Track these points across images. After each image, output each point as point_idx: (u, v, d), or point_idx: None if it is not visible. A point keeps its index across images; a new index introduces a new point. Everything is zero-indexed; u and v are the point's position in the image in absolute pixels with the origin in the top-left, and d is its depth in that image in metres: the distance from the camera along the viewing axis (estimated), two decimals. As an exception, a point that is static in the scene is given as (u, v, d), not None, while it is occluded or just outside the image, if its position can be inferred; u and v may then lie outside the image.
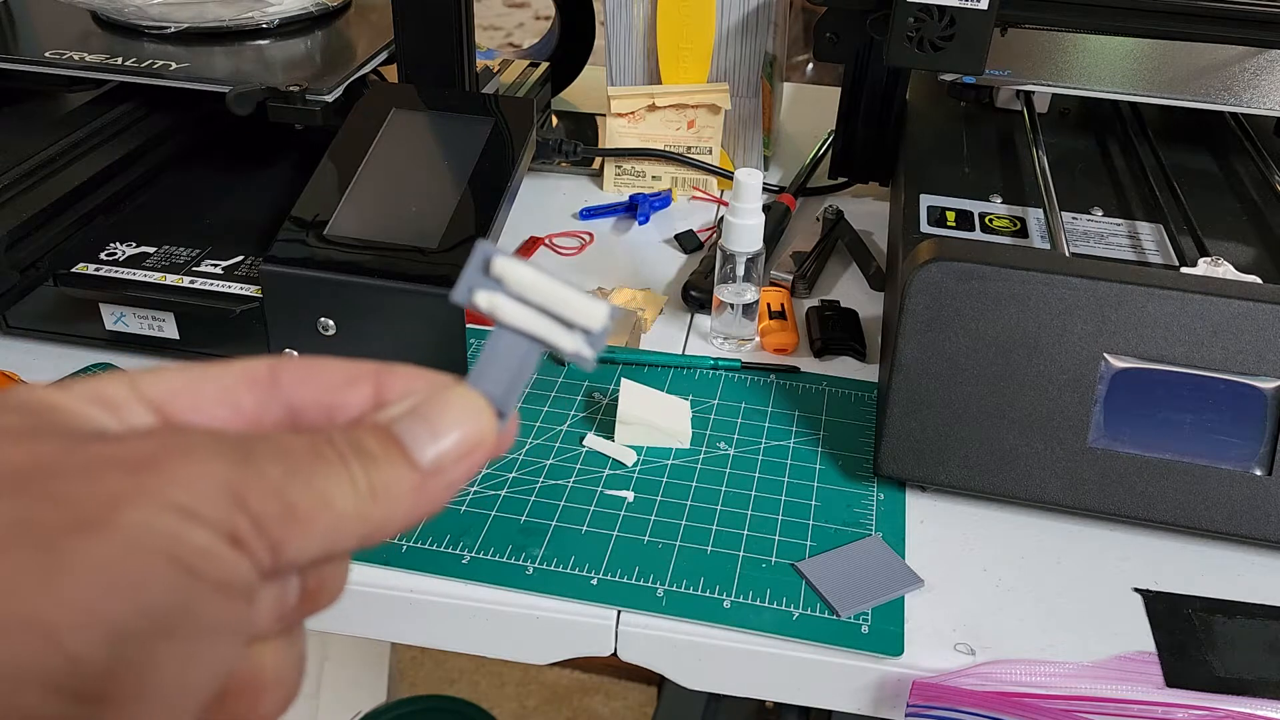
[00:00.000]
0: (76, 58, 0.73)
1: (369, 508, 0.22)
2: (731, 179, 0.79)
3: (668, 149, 0.88)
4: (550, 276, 0.24)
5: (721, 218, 0.67)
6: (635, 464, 0.58)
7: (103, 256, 0.64)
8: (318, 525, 0.21)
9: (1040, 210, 0.66)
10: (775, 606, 0.49)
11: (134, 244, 0.65)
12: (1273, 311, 0.50)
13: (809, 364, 0.67)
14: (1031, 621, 0.50)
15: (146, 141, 0.71)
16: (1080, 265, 0.53)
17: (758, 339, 0.69)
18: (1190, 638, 0.49)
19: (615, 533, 0.53)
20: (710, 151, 0.88)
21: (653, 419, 0.59)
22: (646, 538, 0.53)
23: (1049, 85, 0.75)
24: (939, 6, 0.65)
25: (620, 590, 0.50)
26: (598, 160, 0.90)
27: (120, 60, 0.73)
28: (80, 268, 0.62)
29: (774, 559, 0.52)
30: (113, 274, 0.62)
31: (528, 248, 0.80)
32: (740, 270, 0.67)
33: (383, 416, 0.23)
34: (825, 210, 0.83)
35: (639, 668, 0.50)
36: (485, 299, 0.24)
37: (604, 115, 0.88)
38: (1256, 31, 0.66)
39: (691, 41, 0.87)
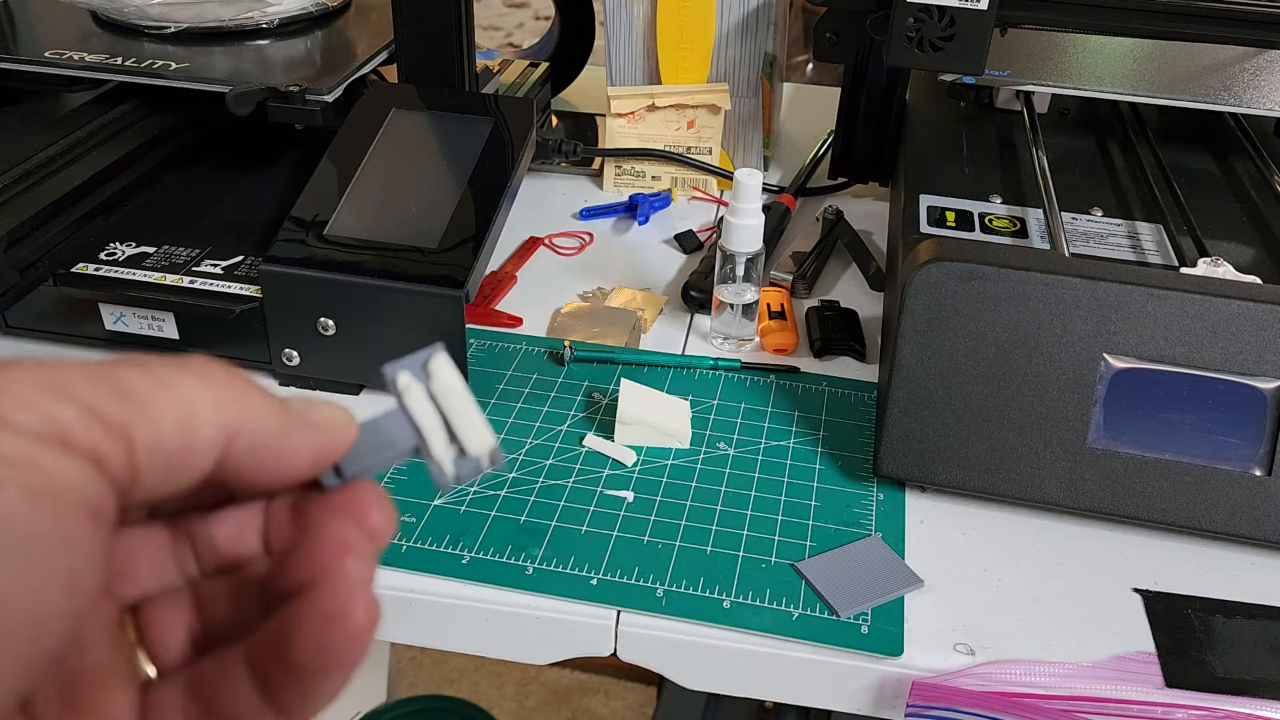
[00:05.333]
0: (76, 58, 0.73)
1: (227, 405, 0.22)
2: (731, 179, 0.79)
3: (668, 149, 0.88)
4: (469, 395, 0.26)
5: (721, 218, 0.67)
6: (635, 464, 0.58)
7: (103, 256, 0.63)
8: (165, 406, 0.20)
9: (1040, 210, 0.66)
10: (775, 607, 0.49)
11: (134, 244, 0.65)
12: (1273, 311, 0.50)
13: (809, 364, 0.67)
14: (1031, 621, 0.50)
15: (146, 141, 0.71)
16: (1080, 265, 0.53)
17: (757, 339, 0.69)
18: (1190, 638, 0.49)
19: (615, 533, 0.53)
20: (710, 151, 0.88)
21: (653, 419, 0.59)
22: (646, 538, 0.53)
23: (1049, 85, 0.75)
24: (939, 6, 0.65)
25: (620, 590, 0.50)
26: (598, 160, 0.90)
27: (120, 60, 0.73)
28: (80, 268, 0.62)
29: (774, 559, 0.52)
30: (113, 274, 0.62)
31: (528, 248, 0.80)
32: (740, 270, 0.67)
33: None
34: (825, 210, 0.83)
35: (639, 668, 0.50)
36: (405, 380, 0.26)
37: (604, 115, 0.88)
38: (1256, 31, 0.66)
39: (691, 41, 0.87)
